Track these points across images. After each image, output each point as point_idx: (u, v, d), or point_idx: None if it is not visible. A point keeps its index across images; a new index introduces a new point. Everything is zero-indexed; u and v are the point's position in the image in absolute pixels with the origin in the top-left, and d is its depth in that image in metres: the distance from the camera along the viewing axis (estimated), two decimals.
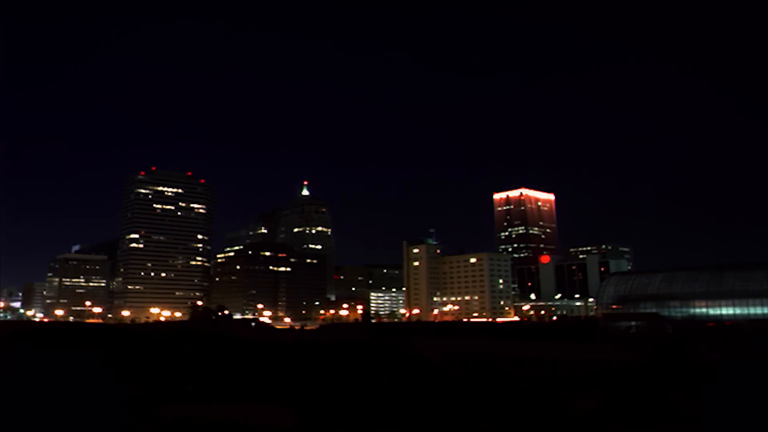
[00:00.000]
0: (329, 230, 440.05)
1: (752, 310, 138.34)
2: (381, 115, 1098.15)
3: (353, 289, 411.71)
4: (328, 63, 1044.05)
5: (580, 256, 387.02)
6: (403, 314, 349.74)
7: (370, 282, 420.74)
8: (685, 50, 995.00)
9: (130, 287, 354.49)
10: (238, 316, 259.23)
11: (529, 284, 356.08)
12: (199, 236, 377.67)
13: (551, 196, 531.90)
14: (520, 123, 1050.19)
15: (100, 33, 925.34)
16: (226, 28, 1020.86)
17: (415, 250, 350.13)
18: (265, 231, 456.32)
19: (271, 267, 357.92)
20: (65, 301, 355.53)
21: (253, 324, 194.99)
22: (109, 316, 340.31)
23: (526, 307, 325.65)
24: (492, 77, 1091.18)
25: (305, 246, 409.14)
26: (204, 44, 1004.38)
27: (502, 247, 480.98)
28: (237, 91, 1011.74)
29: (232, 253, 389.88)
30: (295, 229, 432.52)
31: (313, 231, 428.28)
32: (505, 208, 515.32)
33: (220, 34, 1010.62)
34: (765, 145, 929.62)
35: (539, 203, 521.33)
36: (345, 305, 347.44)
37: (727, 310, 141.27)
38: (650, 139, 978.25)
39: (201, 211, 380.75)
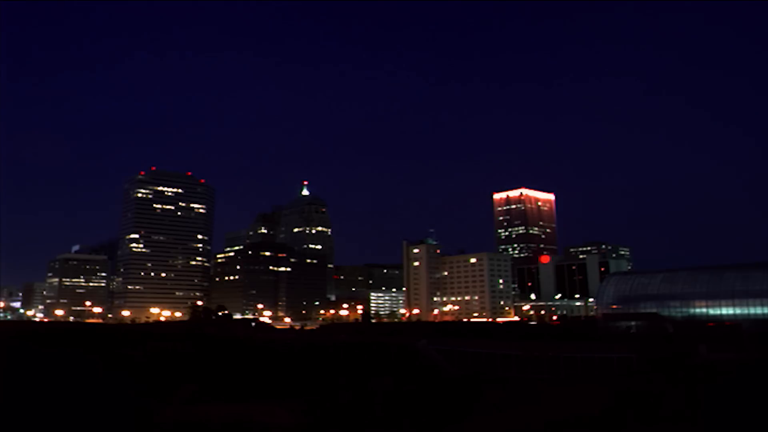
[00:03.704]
0: (329, 230, 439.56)
1: (752, 310, 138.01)
2: (381, 115, 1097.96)
3: (353, 289, 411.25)
4: (328, 64, 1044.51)
5: (580, 256, 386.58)
6: (403, 314, 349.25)
7: (370, 282, 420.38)
8: (686, 51, 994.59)
9: (130, 287, 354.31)
10: (238, 316, 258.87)
11: (529, 284, 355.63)
12: (199, 236, 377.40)
13: (551, 196, 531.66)
14: (520, 123, 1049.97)
15: (101, 33, 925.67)
16: (226, 29, 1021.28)
17: (415, 250, 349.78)
18: (265, 231, 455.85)
19: (271, 267, 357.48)
20: (65, 301, 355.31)
21: (253, 324, 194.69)
22: (109, 316, 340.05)
23: (526, 307, 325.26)
24: (492, 77, 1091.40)
25: (305, 246, 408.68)
26: (204, 44, 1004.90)
27: (502, 247, 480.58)
28: (237, 90, 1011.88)
29: (232, 253, 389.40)
30: (295, 229, 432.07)
31: (313, 231, 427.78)
32: (505, 208, 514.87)
33: (220, 35, 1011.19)
34: (765, 144, 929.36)
35: (539, 203, 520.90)
36: (345, 305, 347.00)
37: (727, 310, 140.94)
38: (650, 139, 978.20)
39: (201, 211, 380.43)
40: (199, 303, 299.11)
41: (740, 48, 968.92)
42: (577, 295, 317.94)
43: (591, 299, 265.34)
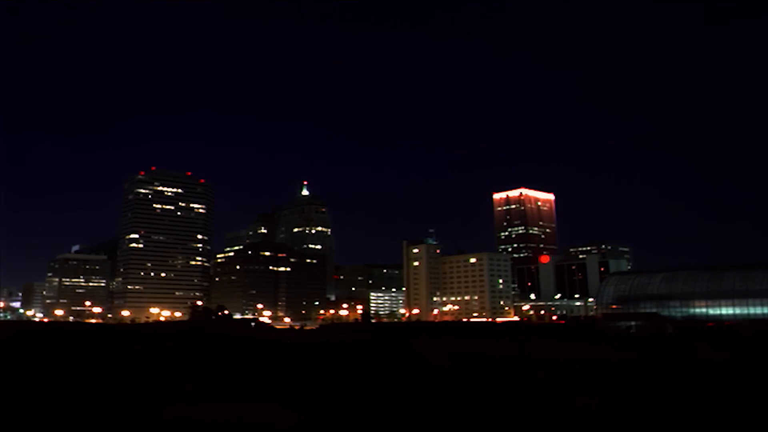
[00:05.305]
0: (329, 230, 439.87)
1: (752, 310, 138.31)
2: (381, 114, 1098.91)
3: (353, 289, 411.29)
4: (328, 63, 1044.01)
5: (580, 256, 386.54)
6: (403, 314, 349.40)
7: (370, 282, 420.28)
8: (686, 49, 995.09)
9: (130, 287, 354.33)
10: (238, 316, 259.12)
11: (529, 284, 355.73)
12: (199, 236, 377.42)
13: (551, 196, 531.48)
14: (520, 122, 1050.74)
15: (101, 32, 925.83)
16: (227, 28, 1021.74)
17: (415, 250, 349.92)
18: (265, 231, 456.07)
19: (271, 267, 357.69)
20: (65, 301, 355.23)
21: (253, 324, 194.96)
22: (109, 316, 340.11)
23: (525, 307, 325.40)
24: (492, 77, 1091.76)
25: (305, 246, 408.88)
26: (204, 44, 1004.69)
27: (502, 247, 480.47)
28: (237, 90, 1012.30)
29: (232, 253, 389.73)
30: (295, 229, 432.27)
31: (313, 231, 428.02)
32: (505, 208, 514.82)
33: (221, 33, 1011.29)
34: (765, 143, 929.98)
35: (539, 203, 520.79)
36: (345, 305, 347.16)
37: (727, 310, 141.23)
38: (651, 138, 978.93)
39: (201, 211, 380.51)
40: (199, 303, 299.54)
41: (746, 43, 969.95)
42: (576, 295, 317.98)
43: (591, 299, 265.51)
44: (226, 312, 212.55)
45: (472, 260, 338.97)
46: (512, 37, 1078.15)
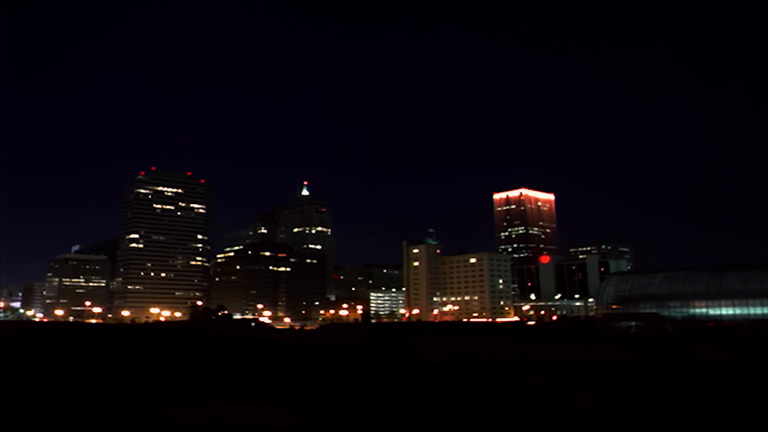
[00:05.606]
0: (329, 230, 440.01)
1: (752, 310, 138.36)
2: (380, 115, 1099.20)
3: (353, 289, 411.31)
4: (328, 63, 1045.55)
5: (580, 256, 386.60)
6: (403, 314, 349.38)
7: (370, 282, 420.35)
8: (686, 47, 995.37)
9: (130, 287, 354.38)
10: (238, 316, 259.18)
11: (529, 284, 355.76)
12: (199, 236, 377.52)
13: (551, 196, 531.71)
14: (521, 122, 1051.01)
15: (101, 32, 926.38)
16: (226, 28, 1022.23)
17: (415, 250, 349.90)
18: (265, 231, 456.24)
19: (271, 267, 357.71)
20: (65, 301, 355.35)
21: (253, 324, 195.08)
22: (109, 316, 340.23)
23: (526, 307, 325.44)
24: (491, 77, 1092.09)
25: (305, 246, 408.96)
26: (204, 44, 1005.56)
27: (502, 247, 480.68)
28: (237, 90, 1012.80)
29: (232, 253, 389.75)
30: (295, 229, 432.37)
31: (313, 231, 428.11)
32: (505, 208, 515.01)
33: (220, 33, 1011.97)
34: (766, 142, 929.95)
35: (539, 203, 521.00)
36: (345, 305, 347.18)
37: (727, 310, 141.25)
38: (651, 138, 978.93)
39: (201, 211, 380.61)
40: (199, 303, 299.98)
41: (742, 54, 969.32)
42: (576, 295, 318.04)
43: (591, 299, 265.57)
44: (226, 312, 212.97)
45: (472, 260, 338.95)
46: (510, 39, 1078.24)
